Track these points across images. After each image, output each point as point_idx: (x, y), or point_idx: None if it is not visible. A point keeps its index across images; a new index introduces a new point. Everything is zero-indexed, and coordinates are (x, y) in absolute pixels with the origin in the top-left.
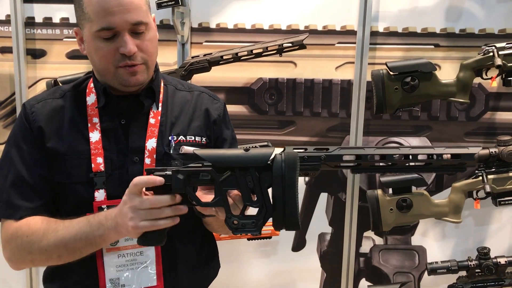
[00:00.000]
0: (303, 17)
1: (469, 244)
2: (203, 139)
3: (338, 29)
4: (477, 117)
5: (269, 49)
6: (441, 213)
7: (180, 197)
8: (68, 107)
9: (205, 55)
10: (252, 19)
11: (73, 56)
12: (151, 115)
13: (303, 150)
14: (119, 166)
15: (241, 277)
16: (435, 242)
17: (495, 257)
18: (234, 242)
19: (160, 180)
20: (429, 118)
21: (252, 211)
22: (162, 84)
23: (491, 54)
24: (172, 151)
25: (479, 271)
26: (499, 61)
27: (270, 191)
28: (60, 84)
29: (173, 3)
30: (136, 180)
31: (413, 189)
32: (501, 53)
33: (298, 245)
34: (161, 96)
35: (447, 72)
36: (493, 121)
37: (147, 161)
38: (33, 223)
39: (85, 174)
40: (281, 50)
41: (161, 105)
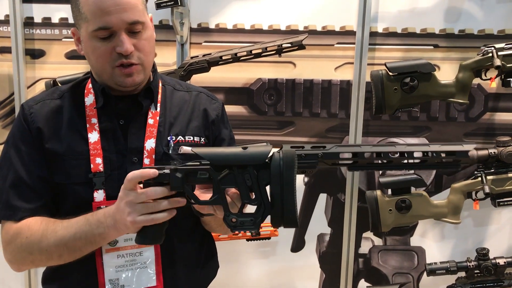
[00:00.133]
0: (303, 18)
1: (468, 245)
2: (202, 139)
3: (337, 29)
4: (476, 117)
5: (268, 49)
6: (440, 214)
7: None
8: (66, 108)
9: (204, 56)
10: (251, 19)
11: (72, 56)
12: (150, 115)
13: (300, 148)
14: (118, 166)
15: (240, 277)
16: (434, 242)
17: (494, 258)
18: (233, 242)
19: (153, 172)
20: (428, 118)
21: (250, 209)
22: (160, 84)
23: (490, 54)
24: (171, 151)
25: (478, 272)
26: (498, 62)
27: (267, 188)
28: (59, 84)
29: (172, 3)
30: (130, 175)
31: (412, 190)
32: (500, 53)
33: (297, 246)
34: (160, 96)
35: (446, 72)
36: (492, 122)
37: (146, 161)
38: (33, 224)
39: (84, 174)
40: (280, 50)
41: (159, 105)
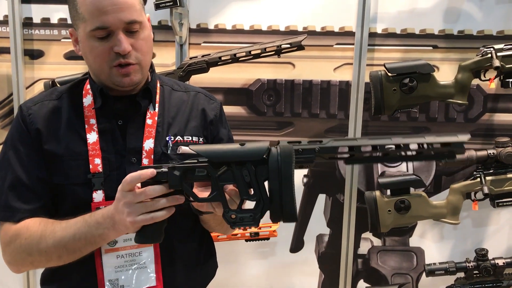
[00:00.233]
0: (302, 18)
1: (467, 245)
2: (200, 139)
3: (336, 30)
4: (475, 118)
5: (267, 50)
6: (439, 215)
7: None
8: (65, 109)
9: (203, 56)
10: (250, 20)
11: (71, 56)
12: (148, 115)
13: (297, 143)
14: (117, 167)
15: (239, 278)
16: (433, 243)
17: (493, 259)
18: (232, 243)
19: (151, 171)
20: (427, 119)
21: (248, 205)
22: (158, 84)
23: (489, 55)
24: (169, 151)
25: (477, 272)
26: (497, 63)
27: (266, 184)
28: (58, 84)
29: (171, 4)
30: (128, 177)
31: (411, 190)
32: (499, 54)
33: (296, 246)
34: (158, 96)
35: (446, 73)
36: (491, 123)
37: (145, 161)
38: (31, 225)
39: (83, 175)
40: (279, 51)
41: (157, 105)
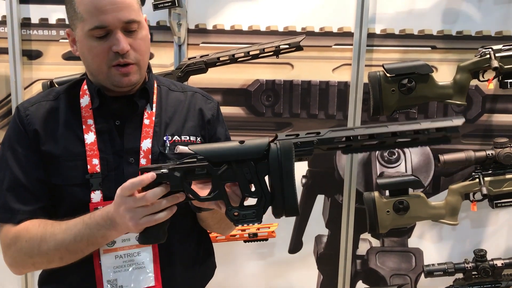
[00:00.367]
0: (300, 19)
1: (465, 246)
2: (198, 139)
3: (335, 30)
4: (474, 119)
5: (266, 50)
6: (438, 215)
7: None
8: (62, 109)
9: (201, 57)
10: (249, 20)
11: (69, 57)
12: (145, 115)
13: (294, 136)
14: (115, 167)
15: (238, 279)
16: (432, 244)
17: (492, 260)
18: (230, 244)
19: (152, 176)
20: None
21: (249, 201)
22: (155, 85)
23: (488, 56)
24: (167, 151)
25: (475, 273)
26: (495, 63)
27: (266, 180)
28: (56, 85)
29: (169, 4)
30: (128, 184)
31: (410, 191)
32: (497, 55)
33: (294, 247)
34: (155, 97)
35: (444, 74)
36: (490, 123)
37: (143, 161)
38: (31, 227)
39: (81, 175)
40: (278, 51)
41: (155, 105)
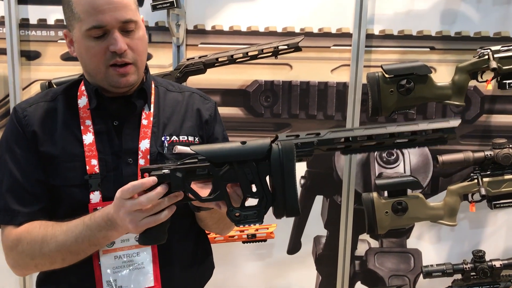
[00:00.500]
0: (299, 20)
1: (464, 247)
2: (196, 139)
3: (333, 31)
4: (473, 120)
5: (264, 51)
6: (436, 216)
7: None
8: (60, 110)
9: (200, 57)
10: (247, 21)
11: (67, 58)
12: (143, 116)
13: (295, 136)
14: (113, 167)
15: (236, 279)
16: (431, 245)
17: (490, 260)
18: (229, 245)
19: (153, 179)
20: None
21: (249, 201)
22: (153, 85)
23: (486, 57)
24: (165, 151)
25: (474, 274)
26: (494, 64)
27: (267, 180)
28: (54, 86)
29: (168, 5)
30: (130, 187)
31: (409, 192)
32: (496, 56)
33: (293, 248)
34: (153, 97)
35: (443, 75)
36: (489, 124)
37: (141, 162)
38: (32, 229)
39: (79, 176)
40: (276, 52)
41: (153, 106)
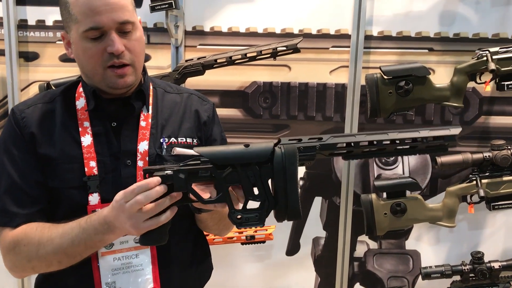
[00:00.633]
0: (297, 21)
1: (463, 248)
2: (194, 141)
3: (332, 33)
4: (471, 121)
5: (263, 52)
6: (435, 218)
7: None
8: (58, 112)
9: (199, 59)
10: (246, 22)
11: (66, 59)
12: (142, 117)
13: (297, 140)
14: (112, 169)
15: (235, 281)
16: (429, 246)
17: (489, 262)
18: (228, 246)
19: (157, 180)
20: (423, 122)
21: (251, 204)
22: (151, 87)
23: (485, 58)
24: (164, 153)
25: (473, 275)
26: (492, 66)
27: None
28: (53, 87)
29: (167, 6)
30: (135, 188)
31: (407, 193)
32: (494, 57)
33: (292, 249)
34: (151, 99)
35: (441, 76)
36: (487, 125)
37: (140, 163)
38: (29, 230)
39: (78, 178)
40: (275, 53)
41: (151, 107)
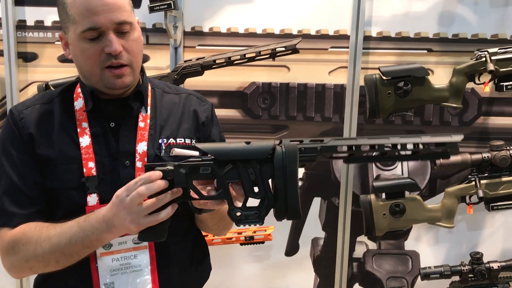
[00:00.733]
0: (296, 22)
1: (462, 249)
2: (193, 141)
3: (331, 33)
4: (470, 122)
5: (262, 53)
6: (434, 218)
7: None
8: (57, 112)
9: (198, 59)
10: (245, 23)
11: (64, 59)
12: (140, 118)
13: (299, 142)
14: (110, 170)
15: (234, 281)
16: (428, 247)
17: (488, 262)
18: (227, 246)
19: (159, 174)
20: (422, 123)
21: (251, 202)
22: (149, 87)
23: (484, 59)
24: (163, 154)
25: (472, 276)
26: (491, 66)
27: (269, 181)
28: (52, 88)
29: (165, 6)
30: (136, 181)
31: (406, 194)
32: (493, 58)
33: (291, 250)
34: (149, 99)
35: (440, 77)
36: (486, 126)
37: (138, 164)
38: (27, 230)
39: (76, 179)
40: (274, 54)
41: (149, 108)
